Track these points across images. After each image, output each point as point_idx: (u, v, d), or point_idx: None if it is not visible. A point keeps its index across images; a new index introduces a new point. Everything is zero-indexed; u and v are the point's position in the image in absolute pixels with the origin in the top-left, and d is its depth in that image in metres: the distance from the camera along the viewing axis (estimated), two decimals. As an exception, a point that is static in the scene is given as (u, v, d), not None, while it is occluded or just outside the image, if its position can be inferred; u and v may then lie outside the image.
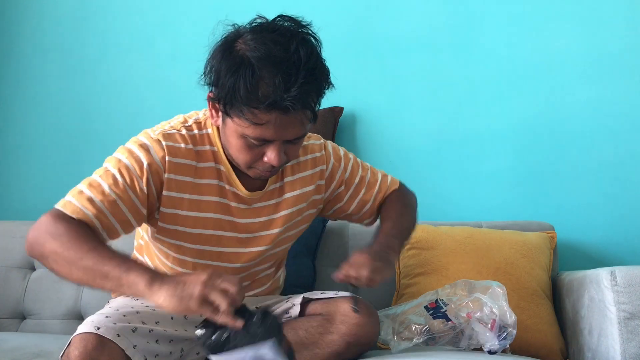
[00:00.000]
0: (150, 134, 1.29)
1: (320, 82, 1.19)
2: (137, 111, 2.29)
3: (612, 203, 2.04)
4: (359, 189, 1.49)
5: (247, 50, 1.15)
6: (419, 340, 1.52)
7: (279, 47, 1.13)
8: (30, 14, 2.40)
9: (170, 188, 1.27)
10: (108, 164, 1.27)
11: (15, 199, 2.33)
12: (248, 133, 1.18)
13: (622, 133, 2.06)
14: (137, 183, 1.24)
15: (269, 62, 1.12)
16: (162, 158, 1.26)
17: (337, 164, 1.47)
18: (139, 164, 1.24)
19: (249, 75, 1.12)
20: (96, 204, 1.20)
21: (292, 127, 1.18)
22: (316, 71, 1.16)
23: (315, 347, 1.31)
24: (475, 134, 2.13)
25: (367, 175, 1.51)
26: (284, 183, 1.40)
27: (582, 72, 2.09)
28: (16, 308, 1.96)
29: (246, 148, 1.21)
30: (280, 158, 1.21)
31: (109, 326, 1.17)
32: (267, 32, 1.16)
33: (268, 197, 1.38)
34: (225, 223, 1.34)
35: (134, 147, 1.27)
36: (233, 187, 1.33)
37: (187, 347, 1.35)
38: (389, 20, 2.20)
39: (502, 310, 1.44)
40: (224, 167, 1.32)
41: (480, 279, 1.68)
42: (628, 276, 1.42)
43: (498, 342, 1.42)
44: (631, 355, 1.39)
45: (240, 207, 1.35)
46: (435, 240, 1.78)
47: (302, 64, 1.13)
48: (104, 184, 1.22)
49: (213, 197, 1.32)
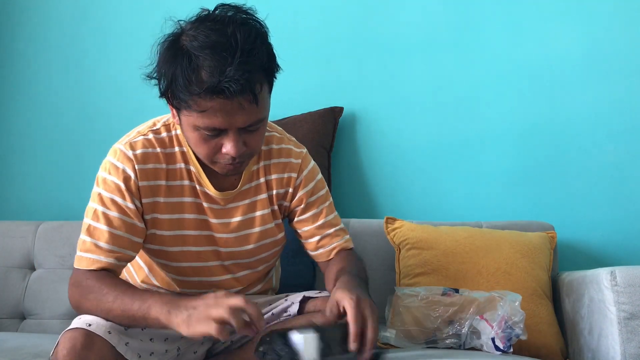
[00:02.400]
0: (118, 147, 1.30)
1: (260, 62, 1.15)
2: (137, 111, 2.28)
3: (612, 203, 2.04)
4: (315, 219, 1.42)
5: (186, 41, 1.16)
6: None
7: (216, 33, 1.13)
8: (31, 14, 2.39)
9: (146, 194, 1.29)
10: (93, 203, 1.28)
11: (15, 199, 2.33)
12: (199, 124, 1.17)
13: (622, 133, 2.06)
14: (124, 207, 1.27)
15: (205, 49, 1.12)
16: (132, 168, 1.27)
17: (306, 181, 1.41)
18: (117, 187, 1.27)
19: (186, 64, 1.13)
20: (104, 247, 1.25)
21: (239, 113, 1.15)
22: (255, 52, 1.13)
23: None
24: (475, 134, 2.13)
25: (329, 215, 1.43)
26: (259, 183, 1.38)
27: (582, 73, 2.09)
28: (16, 308, 1.96)
29: (202, 141, 1.20)
30: (238, 148, 1.19)
31: (100, 323, 1.17)
32: (207, 22, 1.17)
33: (242, 197, 1.36)
34: (202, 223, 1.34)
35: (105, 174, 1.29)
36: (203, 187, 1.33)
37: (184, 346, 1.35)
38: (389, 21, 2.20)
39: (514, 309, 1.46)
40: (193, 168, 1.32)
41: (480, 279, 1.68)
42: (628, 276, 1.42)
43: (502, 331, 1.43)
44: (631, 355, 1.39)
45: (214, 208, 1.34)
46: (435, 240, 1.78)
47: (239, 45, 1.11)
48: (100, 226, 1.26)
49: (187, 198, 1.32)
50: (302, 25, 2.23)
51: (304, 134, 2.01)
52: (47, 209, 2.30)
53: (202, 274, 1.39)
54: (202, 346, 1.40)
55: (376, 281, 1.80)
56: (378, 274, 1.84)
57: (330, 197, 1.47)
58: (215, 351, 1.45)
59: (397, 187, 2.15)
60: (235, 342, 1.44)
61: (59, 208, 2.29)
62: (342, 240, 1.44)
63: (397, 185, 2.15)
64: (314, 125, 2.05)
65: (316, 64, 2.21)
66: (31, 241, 2.03)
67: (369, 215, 2.12)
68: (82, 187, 2.28)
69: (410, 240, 1.79)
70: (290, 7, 2.23)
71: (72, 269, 1.28)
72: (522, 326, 1.45)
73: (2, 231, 2.05)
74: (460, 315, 1.53)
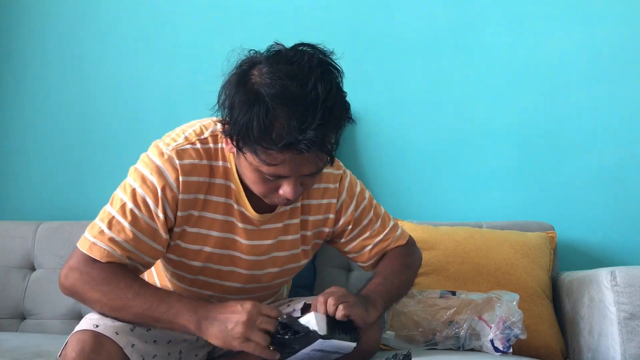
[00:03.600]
0: (163, 150, 1.23)
1: (338, 121, 1.12)
2: (137, 112, 2.28)
3: (612, 203, 2.04)
4: (363, 231, 1.41)
5: (261, 84, 1.07)
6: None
7: (296, 84, 1.06)
8: (31, 15, 2.39)
9: (184, 207, 1.23)
10: (123, 195, 1.22)
11: (15, 199, 2.33)
12: (263, 170, 1.13)
13: (622, 133, 2.05)
14: (154, 213, 1.21)
15: (284, 101, 1.05)
16: (175, 180, 1.21)
17: (348, 200, 1.38)
18: (154, 192, 1.20)
19: (262, 115, 1.05)
20: (121, 244, 1.20)
21: (308, 165, 1.12)
22: (334, 109, 1.09)
23: None
24: (475, 134, 2.13)
25: (377, 222, 1.43)
26: (296, 207, 1.34)
27: (582, 73, 2.09)
28: (16, 308, 1.96)
29: (261, 181, 1.16)
30: (296, 192, 1.16)
31: (107, 324, 1.17)
32: (284, 64, 1.08)
33: (276, 219, 1.32)
34: (229, 242, 1.29)
35: (146, 171, 1.22)
36: (241, 207, 1.27)
37: (186, 349, 1.35)
38: (389, 21, 2.20)
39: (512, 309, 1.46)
40: (234, 186, 1.27)
41: (480, 279, 1.68)
42: (628, 276, 1.42)
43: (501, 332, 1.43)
44: (631, 355, 1.39)
45: (247, 228, 1.29)
46: (435, 240, 1.78)
47: (320, 102, 1.06)
48: (123, 222, 1.20)
49: (220, 216, 1.27)
50: (302, 25, 2.22)
51: (304, 134, 2.01)
52: (47, 209, 2.29)
53: (216, 290, 1.36)
54: (203, 349, 1.40)
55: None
56: (378, 274, 1.84)
57: (373, 202, 1.44)
58: (216, 354, 1.44)
59: (397, 187, 2.15)
60: (235, 346, 1.43)
61: (59, 208, 2.29)
62: (392, 241, 1.44)
63: (397, 185, 2.15)
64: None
65: (316, 64, 2.20)
66: (31, 241, 2.03)
67: (369, 215, 2.12)
68: (82, 187, 2.29)
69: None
70: (290, 7, 2.23)
71: (78, 252, 1.22)
72: (520, 325, 1.45)
73: (2, 231, 2.05)
74: (458, 316, 1.53)
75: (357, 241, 1.42)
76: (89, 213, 2.26)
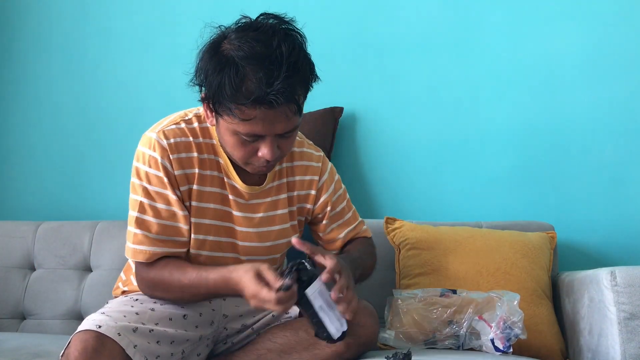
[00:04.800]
0: (150, 135, 1.33)
1: (303, 75, 1.22)
2: (137, 111, 2.29)
3: (612, 203, 2.04)
4: (338, 217, 1.52)
5: (231, 49, 1.19)
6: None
7: (261, 44, 1.18)
8: (31, 14, 2.40)
9: (182, 182, 1.33)
10: (137, 196, 1.33)
11: (15, 199, 2.33)
12: (239, 130, 1.22)
13: (622, 133, 2.05)
14: (169, 198, 1.32)
15: (252, 60, 1.16)
16: (167, 158, 1.31)
17: (329, 181, 1.49)
18: (160, 180, 1.31)
19: (233, 74, 1.17)
20: (154, 238, 1.32)
21: (280, 121, 1.21)
22: (299, 65, 1.19)
23: (315, 347, 1.31)
24: (475, 134, 2.13)
25: (349, 212, 1.54)
26: (281, 183, 1.43)
27: (582, 73, 2.09)
28: (16, 308, 1.96)
29: (240, 144, 1.25)
30: (274, 152, 1.25)
31: (110, 324, 1.18)
32: (250, 31, 1.21)
33: (265, 194, 1.41)
34: (224, 214, 1.38)
35: (145, 167, 1.32)
36: (231, 180, 1.37)
37: (189, 349, 1.35)
38: (389, 21, 2.20)
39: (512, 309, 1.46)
40: (222, 160, 1.37)
41: (480, 279, 1.68)
42: (628, 276, 1.42)
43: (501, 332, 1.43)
44: (631, 355, 1.39)
45: (238, 201, 1.38)
46: (435, 240, 1.78)
47: (285, 58, 1.16)
48: (148, 218, 1.32)
49: (214, 189, 1.36)
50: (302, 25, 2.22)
51: (304, 134, 2.00)
52: (47, 209, 2.30)
53: (217, 263, 1.38)
54: (205, 348, 1.41)
55: (376, 281, 1.80)
56: (378, 274, 1.83)
57: (347, 195, 1.56)
58: (216, 352, 1.45)
59: (397, 187, 2.15)
60: (235, 344, 1.44)
61: (59, 208, 2.29)
62: (360, 233, 1.55)
63: (397, 185, 2.15)
64: (314, 126, 2.05)
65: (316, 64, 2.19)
66: (31, 241, 2.03)
67: (369, 215, 2.12)
68: (82, 187, 2.29)
69: (410, 241, 1.79)
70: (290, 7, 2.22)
71: (134, 263, 1.36)
72: (521, 325, 1.45)
73: (2, 231, 2.05)
74: (458, 316, 1.53)
75: (332, 227, 1.50)
76: (89, 213, 2.29)
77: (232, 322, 1.43)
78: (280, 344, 1.33)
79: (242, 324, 1.43)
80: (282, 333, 1.35)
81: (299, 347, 1.32)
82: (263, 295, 1.16)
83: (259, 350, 1.35)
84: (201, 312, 1.38)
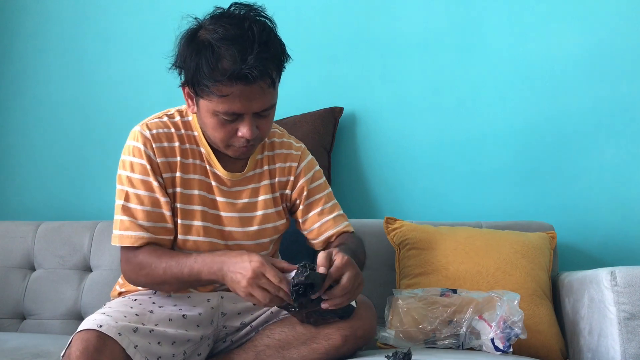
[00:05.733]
0: (135, 129, 1.41)
1: (275, 52, 1.29)
2: (137, 111, 2.27)
3: (612, 203, 2.04)
4: (315, 205, 1.53)
5: (207, 34, 1.28)
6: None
7: (234, 27, 1.26)
8: (31, 14, 2.40)
9: (165, 170, 1.40)
10: (123, 186, 1.39)
11: (15, 199, 2.33)
12: (218, 109, 1.29)
13: (622, 133, 2.06)
14: (152, 185, 1.38)
15: (226, 40, 1.25)
16: (150, 148, 1.38)
17: (306, 169, 1.54)
18: (143, 168, 1.38)
19: (209, 55, 1.25)
20: (142, 224, 1.36)
21: (256, 97, 1.28)
22: (270, 43, 1.27)
23: (313, 341, 1.32)
24: (475, 134, 2.13)
25: (329, 202, 1.55)
26: (263, 170, 1.49)
27: (582, 73, 2.09)
28: (16, 308, 1.96)
29: (220, 125, 1.32)
30: (253, 131, 1.31)
31: (111, 324, 1.18)
32: (224, 18, 1.30)
33: (247, 182, 1.47)
34: (209, 201, 1.43)
35: (130, 157, 1.39)
36: (214, 168, 1.44)
37: (190, 349, 1.35)
38: (389, 21, 2.20)
39: (512, 308, 1.46)
40: (204, 150, 1.43)
41: (480, 279, 1.68)
42: (628, 276, 1.42)
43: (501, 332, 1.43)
44: (631, 355, 1.39)
45: (221, 188, 1.44)
46: (435, 240, 1.78)
47: (256, 37, 1.25)
48: (134, 205, 1.37)
49: (197, 176, 1.43)
50: (303, 25, 2.23)
51: (304, 134, 2.01)
52: (47, 209, 2.30)
53: (204, 249, 1.41)
54: (206, 348, 1.41)
55: (376, 281, 1.81)
56: (378, 274, 1.84)
57: (329, 187, 1.58)
58: (216, 351, 1.45)
59: (397, 187, 2.15)
60: (235, 342, 1.45)
61: (59, 208, 2.29)
62: (341, 225, 1.54)
63: (397, 185, 2.15)
64: (314, 125, 2.05)
65: (316, 64, 2.21)
66: (31, 241, 2.03)
67: (369, 215, 2.12)
68: (82, 187, 2.29)
69: (410, 240, 1.79)
70: (291, 7, 2.23)
71: (120, 248, 1.39)
72: (521, 325, 1.45)
73: (2, 231, 2.05)
74: (458, 315, 1.53)
75: (310, 214, 1.53)
76: (89, 213, 2.29)
77: (231, 320, 1.44)
78: (278, 340, 1.34)
79: (240, 321, 1.44)
80: (279, 329, 1.36)
81: (297, 342, 1.33)
82: (266, 280, 1.19)
83: (258, 347, 1.35)
84: (200, 311, 1.39)
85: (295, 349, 1.32)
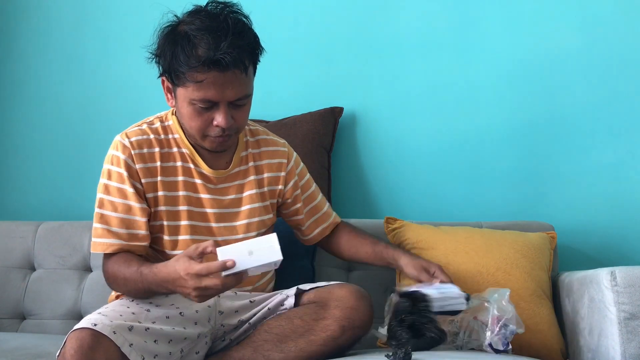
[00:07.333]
0: (116, 139, 1.46)
1: (249, 42, 1.34)
2: (137, 111, 2.27)
3: (612, 203, 2.04)
4: (310, 199, 1.64)
5: (184, 26, 1.35)
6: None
7: (210, 19, 1.33)
8: (31, 14, 2.39)
9: (145, 175, 1.43)
10: (101, 194, 1.43)
11: (15, 199, 2.33)
12: (194, 97, 1.33)
13: (622, 133, 2.05)
14: (127, 192, 1.41)
15: (202, 31, 1.31)
16: (129, 155, 1.43)
17: (295, 166, 1.61)
18: (120, 176, 1.42)
19: (185, 44, 1.31)
20: (114, 231, 1.40)
21: (231, 85, 1.32)
22: (243, 33, 1.33)
23: (310, 333, 1.32)
24: (475, 134, 2.13)
25: (319, 196, 1.67)
26: (248, 167, 1.53)
27: (582, 72, 2.09)
28: (16, 308, 1.96)
29: (196, 114, 1.36)
30: (228, 120, 1.35)
31: (105, 323, 1.19)
32: (201, 12, 1.36)
33: (232, 178, 1.51)
34: (194, 200, 1.47)
35: (109, 166, 1.44)
36: (199, 167, 1.47)
37: (187, 348, 1.35)
38: (389, 21, 2.20)
39: (502, 307, 1.45)
40: (187, 150, 1.47)
41: (480, 279, 1.68)
42: (628, 276, 1.42)
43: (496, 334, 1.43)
44: (631, 355, 1.39)
45: (207, 186, 1.48)
46: (435, 240, 1.78)
47: (230, 28, 1.31)
48: (108, 212, 1.41)
49: (180, 177, 1.46)
50: (303, 25, 2.23)
51: (304, 134, 2.01)
52: (47, 209, 2.30)
53: None
54: (204, 346, 1.41)
55: (376, 281, 1.81)
56: (378, 273, 1.84)
57: (313, 182, 1.67)
58: (215, 349, 1.45)
59: (397, 187, 2.15)
60: (233, 340, 1.45)
61: (59, 208, 2.29)
62: (333, 217, 1.67)
63: (397, 185, 2.15)
64: (314, 125, 2.05)
65: (316, 64, 2.21)
66: (31, 241, 2.03)
67: (369, 215, 2.12)
68: (82, 187, 2.29)
69: (410, 240, 1.79)
70: (291, 7, 2.23)
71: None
72: (514, 320, 1.44)
73: (2, 231, 2.05)
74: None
75: (305, 210, 1.62)
76: (89, 213, 2.26)
77: (228, 319, 1.44)
78: (275, 334, 1.35)
79: (238, 319, 1.44)
80: (277, 323, 1.37)
81: (294, 335, 1.33)
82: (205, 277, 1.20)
83: (256, 342, 1.36)
84: (197, 309, 1.39)
85: (292, 342, 1.33)
